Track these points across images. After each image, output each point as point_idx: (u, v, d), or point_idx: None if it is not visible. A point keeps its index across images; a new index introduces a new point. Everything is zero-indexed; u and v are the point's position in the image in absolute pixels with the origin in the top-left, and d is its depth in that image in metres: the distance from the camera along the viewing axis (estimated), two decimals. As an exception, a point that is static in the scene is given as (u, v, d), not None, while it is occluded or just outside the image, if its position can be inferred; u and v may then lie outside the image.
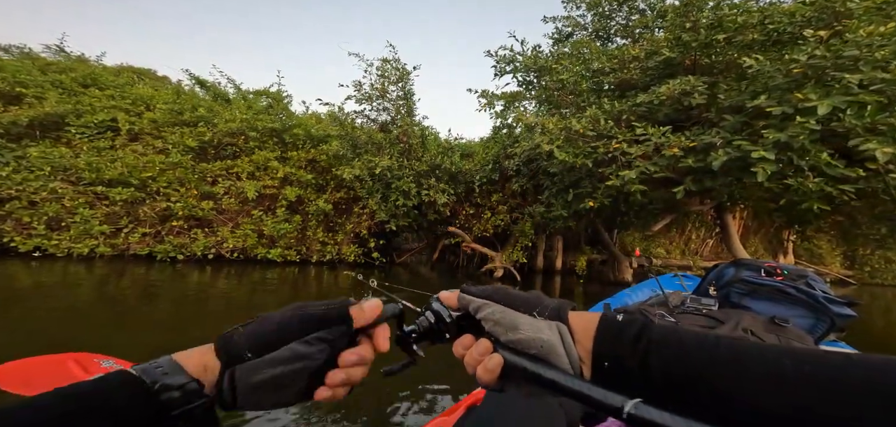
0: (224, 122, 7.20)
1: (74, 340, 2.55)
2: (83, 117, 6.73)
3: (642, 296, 1.75)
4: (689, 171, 3.62)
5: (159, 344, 2.73)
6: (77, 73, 8.37)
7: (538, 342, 0.31)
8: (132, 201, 5.62)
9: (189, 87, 9.41)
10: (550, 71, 5.68)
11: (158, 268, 5.15)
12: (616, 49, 6.77)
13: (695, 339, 0.28)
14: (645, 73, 5.73)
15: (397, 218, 6.84)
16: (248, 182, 6.39)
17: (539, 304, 0.35)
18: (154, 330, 2.96)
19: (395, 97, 7.09)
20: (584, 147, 4.31)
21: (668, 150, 3.57)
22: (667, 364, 0.28)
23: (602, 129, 4.34)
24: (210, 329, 3.23)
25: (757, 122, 3.27)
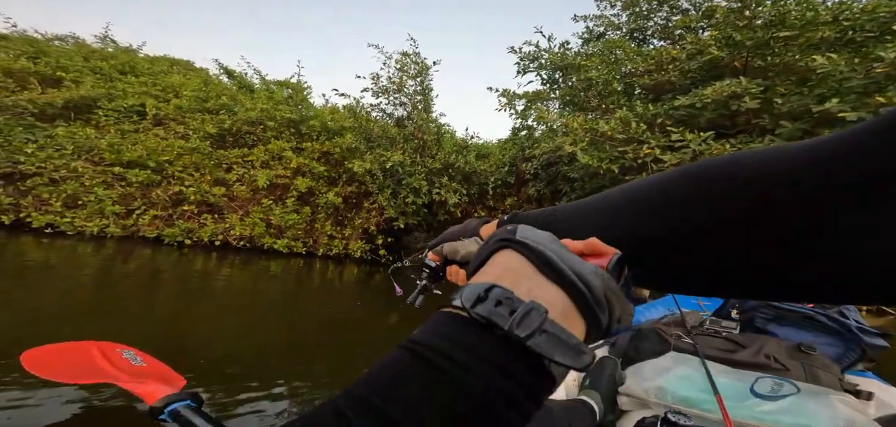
0: (244, 111, 7.30)
1: (73, 321, 2.48)
2: (115, 101, 7.04)
3: (657, 313, 1.68)
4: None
5: (160, 330, 2.64)
6: (117, 60, 8.85)
7: (469, 255, 0.45)
8: (147, 184, 5.70)
9: (217, 76, 9.69)
10: (578, 68, 5.24)
11: (165, 251, 5.16)
12: (653, 50, 6.21)
13: (541, 213, 0.36)
14: (685, 75, 5.18)
15: (407, 216, 6.59)
16: (261, 171, 6.36)
17: (465, 230, 0.49)
18: (152, 318, 2.85)
19: (412, 92, 6.87)
20: (610, 151, 3.86)
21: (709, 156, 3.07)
22: None
23: (632, 132, 3.87)
24: (213, 316, 3.12)
25: (821, 129, 2.73)
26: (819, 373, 0.83)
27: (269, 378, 2.04)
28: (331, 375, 2.27)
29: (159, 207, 5.68)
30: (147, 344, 1.71)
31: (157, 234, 5.49)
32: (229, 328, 3.00)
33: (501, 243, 0.25)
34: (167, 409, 1.08)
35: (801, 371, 0.84)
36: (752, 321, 1.14)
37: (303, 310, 3.94)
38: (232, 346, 2.55)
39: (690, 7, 6.69)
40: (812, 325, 1.04)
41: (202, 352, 2.33)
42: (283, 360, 2.41)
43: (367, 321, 4.07)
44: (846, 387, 0.82)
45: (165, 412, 1.08)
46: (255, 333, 2.95)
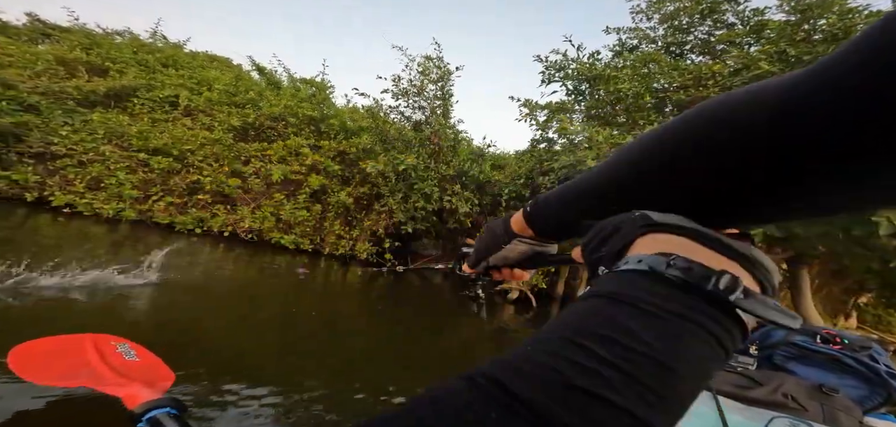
0: (268, 106, 7.48)
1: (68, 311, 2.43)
2: (152, 91, 7.43)
3: None
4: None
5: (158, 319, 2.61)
6: (163, 54, 9.42)
7: (522, 253, 0.49)
8: (168, 171, 5.87)
9: (249, 72, 10.09)
10: (608, 80, 4.86)
11: (175, 238, 5.25)
12: (691, 65, 5.70)
13: (559, 191, 0.40)
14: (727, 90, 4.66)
15: (416, 221, 6.39)
16: (277, 165, 6.41)
17: (497, 238, 0.50)
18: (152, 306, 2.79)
19: (432, 96, 6.72)
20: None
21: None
22: (559, 212, 0.41)
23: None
24: (213, 309, 3.03)
25: None
26: (839, 415, 0.80)
27: (263, 377, 1.98)
28: (327, 378, 2.20)
29: (176, 194, 5.83)
30: (141, 334, 1.70)
31: (169, 221, 5.60)
32: (227, 321, 2.91)
33: (643, 229, 0.25)
34: (146, 417, 1.05)
35: (820, 413, 0.81)
36: (771, 358, 1.12)
37: (304, 308, 3.85)
38: (228, 341, 2.47)
39: (737, 21, 6.12)
40: (838, 366, 1.01)
41: (197, 344, 2.25)
42: (279, 359, 2.34)
43: (367, 323, 3.92)
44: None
45: (144, 420, 1.05)
46: (252, 328, 2.85)
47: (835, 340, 1.03)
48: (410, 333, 3.94)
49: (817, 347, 1.04)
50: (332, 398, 2.00)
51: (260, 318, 3.24)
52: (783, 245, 3.56)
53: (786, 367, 1.07)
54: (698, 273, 0.20)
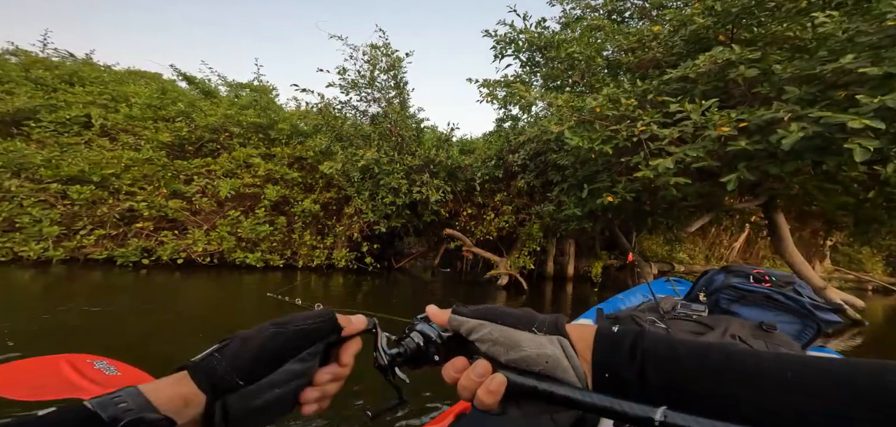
0: (203, 117, 6.73)
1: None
2: (57, 112, 6.34)
3: (635, 301, 1.74)
4: (742, 156, 2.85)
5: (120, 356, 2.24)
6: (62, 69, 8.09)
7: (544, 358, 0.30)
8: (93, 201, 5.07)
9: (177, 83, 9.00)
10: (559, 46, 4.95)
11: (118, 273, 4.58)
12: (634, 29, 6.02)
13: (686, 347, 0.29)
14: (669, 50, 4.98)
15: (389, 219, 6.17)
16: (223, 180, 5.81)
17: (535, 320, 0.33)
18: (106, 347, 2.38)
19: (385, 86, 6.45)
20: (601, 131, 3.58)
21: (713, 129, 2.81)
22: (662, 371, 0.28)
23: (624, 109, 3.61)
24: (176, 345, 2.77)
25: (835, 91, 2.50)
26: (780, 350, 0.84)
27: None
28: None
29: (108, 226, 5.06)
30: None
31: (107, 255, 4.87)
32: (202, 347, 2.58)
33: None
34: None
35: (765, 349, 0.84)
36: (718, 303, 1.16)
37: None
38: None
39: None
40: (772, 304, 1.07)
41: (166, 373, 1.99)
42: None
43: None
44: None
45: None
46: None
47: (765, 279, 1.09)
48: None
49: (751, 287, 1.09)
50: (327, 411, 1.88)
51: None
52: (756, 191, 3.88)
53: (730, 310, 1.13)
54: None
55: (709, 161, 3.04)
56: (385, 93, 6.50)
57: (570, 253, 7.00)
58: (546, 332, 0.32)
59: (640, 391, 0.28)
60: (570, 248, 6.98)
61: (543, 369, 0.30)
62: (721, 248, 9.58)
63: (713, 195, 3.98)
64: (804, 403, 0.23)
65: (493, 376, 0.31)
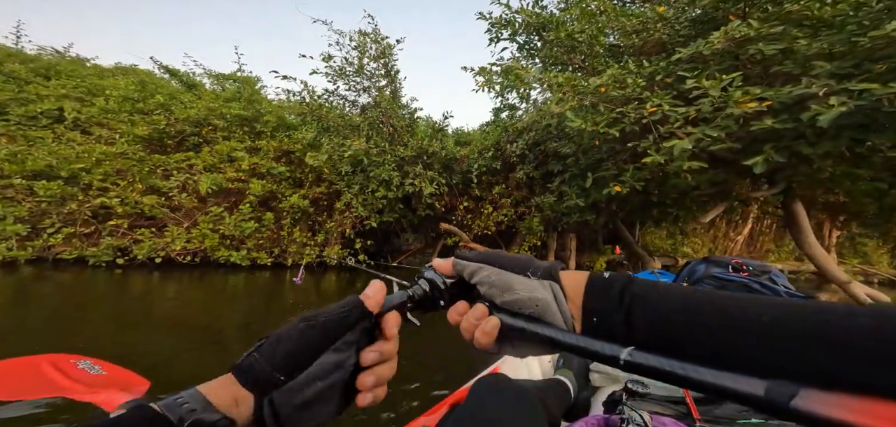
0: (183, 109, 6.38)
1: None
2: (27, 106, 5.99)
3: None
4: (768, 137, 2.57)
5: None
6: (39, 63, 7.73)
7: (534, 302, 0.32)
8: (63, 197, 4.73)
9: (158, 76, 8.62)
10: (558, 25, 4.64)
11: (90, 274, 4.26)
12: (637, 11, 5.72)
13: (672, 293, 0.30)
14: (676, 32, 4.68)
15: (382, 213, 5.87)
16: (204, 175, 5.47)
17: (531, 266, 0.35)
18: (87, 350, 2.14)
19: (375, 75, 6.12)
20: (606, 113, 3.28)
21: (735, 107, 2.52)
22: (649, 316, 0.29)
23: (630, 90, 3.31)
24: (156, 349, 2.56)
25: (874, 65, 2.22)
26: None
27: None
28: None
29: (79, 224, 4.73)
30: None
31: (77, 255, 4.54)
32: (183, 355, 2.52)
33: None
34: None
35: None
36: None
37: (274, 328, 3.31)
38: (190, 374, 2.19)
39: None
40: (750, 292, 1.09)
41: (158, 376, 1.95)
42: None
43: None
44: None
45: None
46: (215, 358, 2.48)
47: (743, 268, 1.10)
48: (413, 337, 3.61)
49: (731, 277, 1.11)
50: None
51: (220, 345, 2.81)
52: (774, 178, 3.56)
53: None
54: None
55: (727, 143, 2.76)
56: (375, 81, 6.17)
57: (572, 247, 6.72)
58: (540, 278, 0.33)
59: (627, 333, 0.29)
60: (572, 243, 6.69)
61: (534, 312, 0.32)
62: (726, 241, 9.35)
63: (727, 183, 3.71)
64: (779, 349, 0.24)
65: (488, 319, 0.33)
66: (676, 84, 3.66)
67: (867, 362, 0.21)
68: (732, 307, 0.26)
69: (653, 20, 4.92)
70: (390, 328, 0.35)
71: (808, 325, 0.23)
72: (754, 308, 0.26)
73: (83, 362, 1.40)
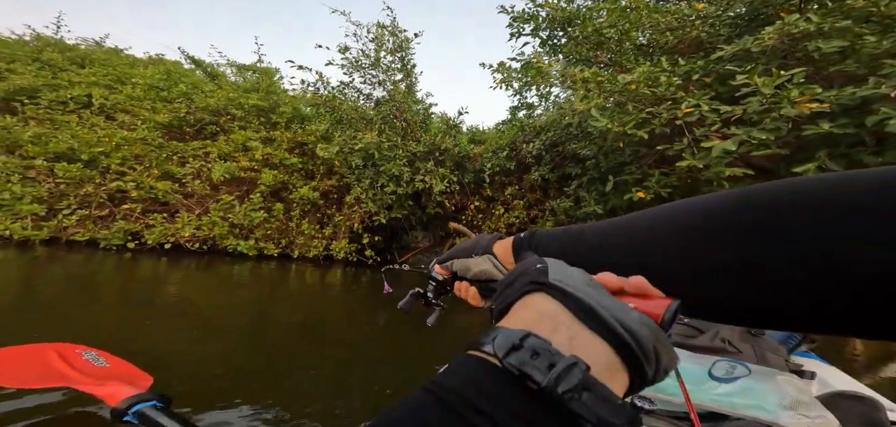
0: (203, 98, 6.47)
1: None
2: (58, 92, 6.24)
3: None
4: (823, 142, 2.23)
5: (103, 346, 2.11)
6: (75, 52, 8.09)
7: (483, 272, 0.45)
8: (80, 180, 4.85)
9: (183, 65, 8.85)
10: (585, 20, 4.34)
11: (100, 257, 4.33)
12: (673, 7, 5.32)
13: (564, 234, 0.36)
14: (716, 31, 4.30)
15: (391, 209, 5.72)
16: (217, 163, 5.50)
17: (476, 247, 0.47)
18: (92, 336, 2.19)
19: (390, 69, 5.99)
20: (635, 113, 2.98)
21: (790, 107, 2.19)
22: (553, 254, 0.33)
23: (663, 90, 3.00)
24: (158, 335, 2.54)
25: None
26: (768, 355, 0.91)
27: (240, 396, 1.81)
28: (312, 388, 2.03)
29: (93, 206, 4.83)
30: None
31: (89, 237, 4.63)
32: (189, 342, 2.51)
33: (533, 286, 0.23)
34: (132, 410, 1.04)
35: (752, 353, 0.91)
36: None
37: (278, 319, 3.36)
38: (193, 363, 2.19)
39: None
40: None
41: (160, 367, 1.87)
42: (256, 375, 2.12)
43: (353, 330, 3.44)
44: (792, 368, 0.90)
45: (130, 413, 1.03)
46: (220, 347, 2.47)
47: None
48: (412, 338, 3.48)
49: None
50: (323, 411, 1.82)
51: (226, 333, 2.79)
52: None
53: None
54: (536, 365, 0.18)
55: (773, 148, 2.41)
56: (390, 75, 6.04)
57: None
58: (482, 254, 0.46)
59: None
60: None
61: (486, 276, 0.45)
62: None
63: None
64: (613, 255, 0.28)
65: (469, 288, 0.49)
66: (716, 84, 3.31)
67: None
68: (586, 233, 0.33)
69: (690, 17, 4.55)
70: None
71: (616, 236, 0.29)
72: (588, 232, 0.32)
73: (88, 353, 1.45)
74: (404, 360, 2.81)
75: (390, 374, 2.51)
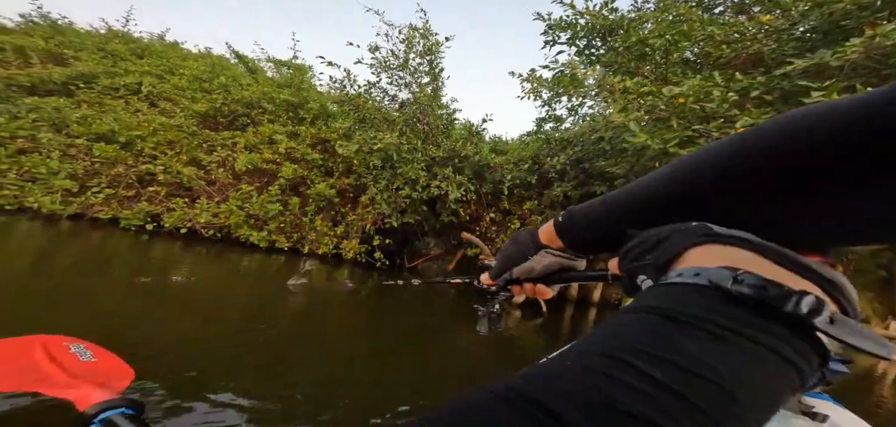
0: (238, 90, 6.72)
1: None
2: (114, 79, 6.74)
3: None
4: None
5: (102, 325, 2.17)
6: (137, 44, 8.80)
7: (545, 267, 0.48)
8: (115, 160, 5.10)
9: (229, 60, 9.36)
10: (628, 29, 3.94)
11: (119, 236, 4.48)
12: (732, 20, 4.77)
13: (595, 204, 0.38)
14: (783, 45, 3.74)
15: (404, 213, 5.52)
16: (242, 153, 5.60)
17: (525, 248, 0.48)
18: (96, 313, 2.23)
19: (418, 71, 5.86)
20: (679, 130, 2.55)
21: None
22: (591, 227, 0.39)
23: (716, 106, 2.56)
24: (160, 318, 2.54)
25: None
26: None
27: (230, 391, 1.75)
28: (310, 389, 1.94)
29: (122, 186, 5.04)
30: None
31: (112, 216, 4.82)
32: (189, 331, 2.47)
33: (702, 238, 0.24)
34: (99, 418, 0.99)
35: None
36: None
37: (280, 314, 3.26)
38: (191, 353, 2.12)
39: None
40: None
41: (154, 356, 1.88)
42: (253, 373, 2.05)
43: (355, 330, 3.34)
44: (804, 409, 0.85)
45: (96, 421, 0.99)
46: (220, 339, 2.41)
47: None
48: (405, 338, 3.28)
49: None
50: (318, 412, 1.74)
51: (228, 325, 2.74)
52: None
53: None
54: (774, 292, 0.19)
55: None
56: (418, 77, 5.91)
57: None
58: (534, 253, 0.47)
59: (595, 247, 0.40)
60: (616, 282, 5.75)
61: (555, 267, 0.48)
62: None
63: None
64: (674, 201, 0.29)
65: (537, 286, 0.51)
66: (778, 103, 2.81)
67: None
68: (637, 190, 0.33)
69: (751, 30, 4.02)
70: None
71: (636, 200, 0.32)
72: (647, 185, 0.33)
73: (75, 346, 1.40)
74: (407, 363, 2.58)
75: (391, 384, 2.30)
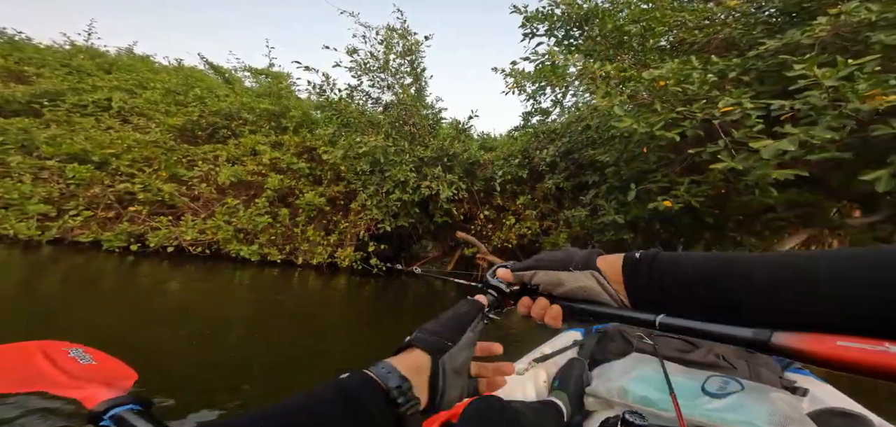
0: (215, 102, 6.52)
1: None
2: (81, 95, 6.43)
3: None
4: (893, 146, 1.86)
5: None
6: (104, 59, 8.42)
7: (582, 290, 0.40)
8: (91, 181, 4.87)
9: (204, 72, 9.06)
10: (604, 17, 4.05)
11: (102, 258, 4.29)
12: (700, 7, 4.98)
13: (689, 261, 0.35)
14: (752, 27, 3.94)
15: (397, 217, 5.50)
16: (225, 167, 5.45)
17: (572, 260, 0.42)
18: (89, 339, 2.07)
19: (399, 72, 5.85)
20: (664, 113, 2.66)
21: (857, 101, 1.83)
22: (675, 283, 0.35)
23: (696, 90, 2.67)
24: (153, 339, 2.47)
25: None
26: (762, 370, 0.91)
27: (228, 407, 1.77)
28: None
29: (100, 208, 4.83)
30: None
31: (93, 238, 4.61)
32: (187, 349, 2.44)
33: None
34: (108, 414, 0.69)
35: (747, 369, 0.91)
36: None
37: (279, 327, 3.21)
38: (191, 371, 2.12)
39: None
40: None
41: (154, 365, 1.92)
42: (255, 386, 2.04)
43: (357, 334, 3.33)
44: (785, 384, 0.91)
45: (106, 417, 0.69)
46: (219, 357, 2.39)
47: None
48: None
49: None
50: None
51: (225, 342, 2.70)
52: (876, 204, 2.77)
53: None
54: None
55: (831, 151, 2.04)
56: (399, 78, 5.90)
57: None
58: (581, 269, 0.41)
59: (661, 300, 0.35)
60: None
61: (585, 296, 0.40)
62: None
63: (815, 206, 2.90)
64: (780, 294, 0.28)
65: (552, 307, 0.42)
66: (755, 83, 2.96)
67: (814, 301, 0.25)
68: (736, 265, 0.31)
69: (720, 16, 4.21)
70: None
71: (785, 273, 0.28)
72: (749, 266, 0.30)
73: (74, 350, 1.37)
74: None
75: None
